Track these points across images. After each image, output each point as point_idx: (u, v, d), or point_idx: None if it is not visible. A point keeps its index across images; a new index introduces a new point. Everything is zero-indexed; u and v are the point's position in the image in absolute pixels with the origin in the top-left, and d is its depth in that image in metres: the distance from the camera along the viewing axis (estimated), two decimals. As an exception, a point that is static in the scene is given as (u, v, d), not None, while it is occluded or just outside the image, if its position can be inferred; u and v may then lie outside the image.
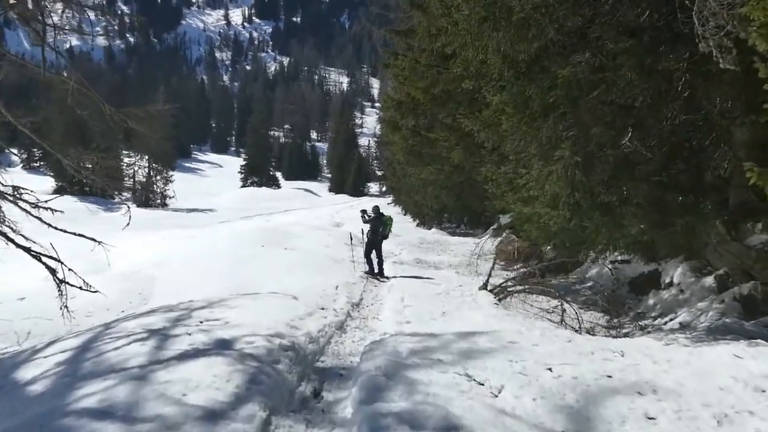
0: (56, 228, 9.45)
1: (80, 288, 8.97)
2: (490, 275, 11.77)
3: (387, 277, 13.75)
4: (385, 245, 15.04)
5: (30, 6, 8.37)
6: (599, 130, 6.77)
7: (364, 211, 14.91)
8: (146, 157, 62.61)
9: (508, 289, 11.04)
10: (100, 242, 10.04)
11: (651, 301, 9.59)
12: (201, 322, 7.39)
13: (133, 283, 14.26)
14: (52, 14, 8.77)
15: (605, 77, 6.48)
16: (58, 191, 47.54)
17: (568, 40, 6.88)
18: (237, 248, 16.71)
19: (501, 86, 7.67)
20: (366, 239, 14.43)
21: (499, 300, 10.44)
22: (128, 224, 10.21)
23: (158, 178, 62.92)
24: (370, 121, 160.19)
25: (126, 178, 64.23)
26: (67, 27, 9.69)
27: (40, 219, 9.07)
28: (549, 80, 6.70)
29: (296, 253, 16.02)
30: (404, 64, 13.93)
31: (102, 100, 9.06)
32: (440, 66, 12.90)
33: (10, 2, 7.78)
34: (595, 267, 11.83)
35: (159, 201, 61.95)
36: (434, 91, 13.55)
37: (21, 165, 76.50)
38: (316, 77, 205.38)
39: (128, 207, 11.15)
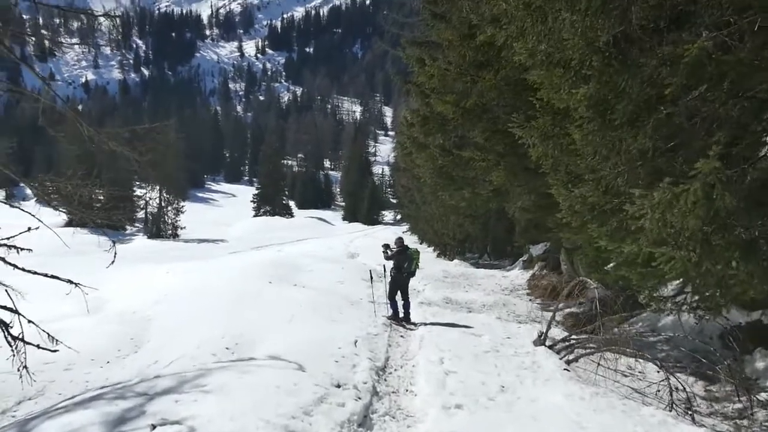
0: (18, 268, 7.91)
1: (38, 347, 7.30)
2: (549, 327, 9.65)
3: (415, 324, 11.85)
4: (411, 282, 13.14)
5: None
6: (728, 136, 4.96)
7: (386, 246, 12.81)
8: (157, 187, 61.85)
9: (576, 348, 8.92)
10: (77, 284, 8.47)
11: (761, 364, 7.53)
12: (153, 429, 5.43)
13: (126, 325, 12.81)
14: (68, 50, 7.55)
15: (742, 59, 4.72)
16: (70, 224, 46.59)
17: (660, 15, 5.14)
18: (242, 284, 15.09)
19: (584, 76, 5.84)
20: (389, 277, 12.53)
21: (567, 362, 8.47)
22: (113, 262, 8.66)
23: (169, 208, 61.83)
24: (383, 149, 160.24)
25: (137, 210, 63.74)
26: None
27: (2, 260, 7.59)
28: (653, 64, 4.97)
29: (306, 292, 14.23)
30: (433, 71, 12.15)
31: (80, 121, 7.82)
32: (474, 75, 11.20)
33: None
34: (662, 314, 9.71)
35: (170, 232, 60.90)
36: (466, 105, 11.77)
37: (36, 198, 75.66)
38: (329, 106, 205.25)
39: (113, 243, 9.60)
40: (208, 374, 7.14)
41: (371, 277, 13.61)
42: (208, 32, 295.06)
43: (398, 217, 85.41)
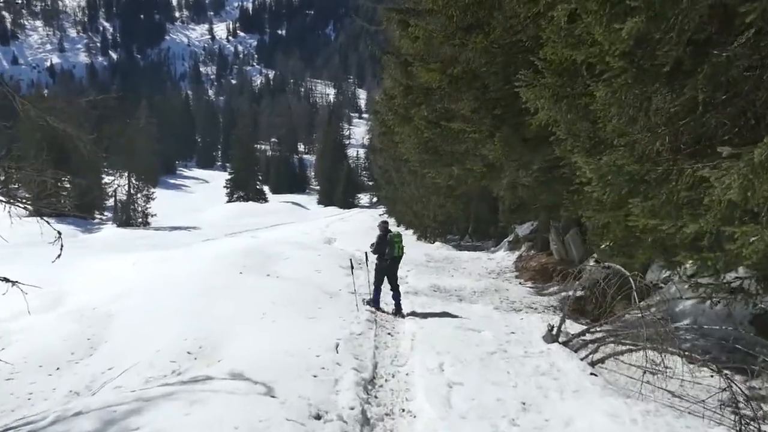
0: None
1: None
2: (563, 321, 8.33)
3: (403, 315, 10.91)
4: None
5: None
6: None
7: (372, 245, 11.62)
8: (126, 173, 60.21)
9: (599, 345, 7.56)
10: (14, 282, 7.38)
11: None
12: None
13: (85, 323, 11.67)
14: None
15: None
16: (36, 213, 44.84)
17: None
18: (211, 275, 13.89)
19: (626, 9, 4.63)
20: (375, 268, 11.54)
21: (592, 364, 7.19)
22: (59, 256, 7.63)
23: (139, 195, 60.25)
24: (358, 132, 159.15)
25: (106, 197, 62.00)
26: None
27: None
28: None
29: (281, 284, 13.02)
30: (418, 33, 10.86)
31: (12, 93, 6.68)
32: (462, 38, 10.01)
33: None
34: (680, 295, 8.59)
35: (141, 219, 59.50)
36: (454, 72, 10.59)
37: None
38: (303, 89, 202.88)
39: (59, 234, 8.47)
40: (147, 408, 5.66)
41: (351, 265, 12.42)
42: (177, 14, 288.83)
43: (374, 199, 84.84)
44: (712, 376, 6.34)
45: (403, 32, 11.70)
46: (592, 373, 6.79)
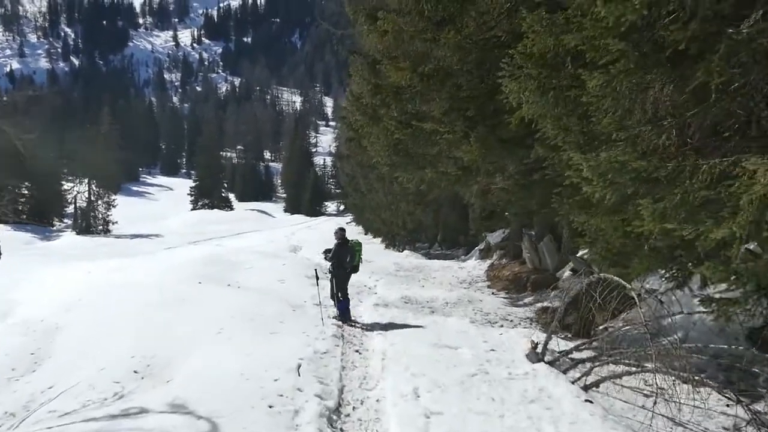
0: None
1: None
2: (549, 338, 7.61)
3: (355, 322, 10.68)
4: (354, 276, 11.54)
5: None
6: None
7: (327, 251, 11.34)
8: (86, 180, 58.84)
9: (592, 365, 6.85)
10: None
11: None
12: None
13: (30, 336, 10.93)
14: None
15: None
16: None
17: None
18: (168, 285, 13.18)
19: None
20: (330, 275, 11.10)
21: (584, 388, 6.46)
22: None
23: (100, 202, 58.84)
24: (324, 140, 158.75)
25: (66, 204, 60.54)
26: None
27: None
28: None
29: (241, 295, 12.33)
30: (387, 26, 10.20)
31: None
32: (434, 33, 9.43)
33: None
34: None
35: (101, 227, 57.92)
36: (425, 70, 10.00)
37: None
38: (269, 97, 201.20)
39: None
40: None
41: (317, 276, 11.74)
42: (141, 21, 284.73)
43: (341, 207, 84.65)
44: (728, 404, 5.70)
45: (372, 26, 11.04)
46: (587, 400, 6.10)
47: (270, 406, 6.00)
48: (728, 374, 6.31)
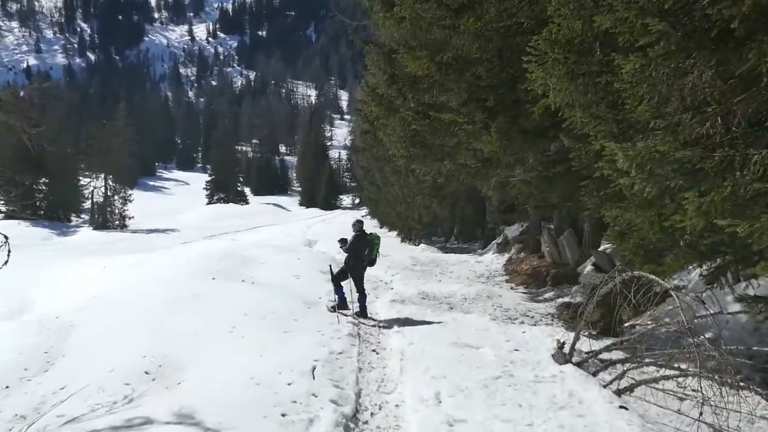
0: None
1: None
2: (577, 338, 7.15)
3: (373, 319, 10.49)
4: (369, 270, 11.32)
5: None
6: None
7: (343, 240, 11.02)
8: (102, 175, 59.10)
9: (625, 366, 6.37)
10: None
11: None
12: None
13: (44, 335, 10.65)
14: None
15: None
16: (10, 216, 43.70)
17: None
18: (182, 281, 13.02)
19: None
20: (344, 266, 10.95)
21: (617, 392, 5.98)
22: (6, 262, 7.37)
23: (116, 197, 59.09)
24: (339, 133, 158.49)
25: (83, 199, 60.81)
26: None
27: None
28: None
29: (255, 291, 12.09)
30: (404, 13, 9.87)
31: None
32: (453, 21, 9.11)
33: None
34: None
35: (118, 222, 58.22)
36: (443, 58, 9.68)
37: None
38: (284, 91, 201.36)
39: (5, 238, 7.94)
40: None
41: (331, 271, 11.48)
42: (156, 15, 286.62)
43: (357, 201, 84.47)
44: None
45: (388, 13, 10.69)
46: (621, 406, 5.64)
47: (283, 415, 5.67)
48: (765, 376, 5.98)
